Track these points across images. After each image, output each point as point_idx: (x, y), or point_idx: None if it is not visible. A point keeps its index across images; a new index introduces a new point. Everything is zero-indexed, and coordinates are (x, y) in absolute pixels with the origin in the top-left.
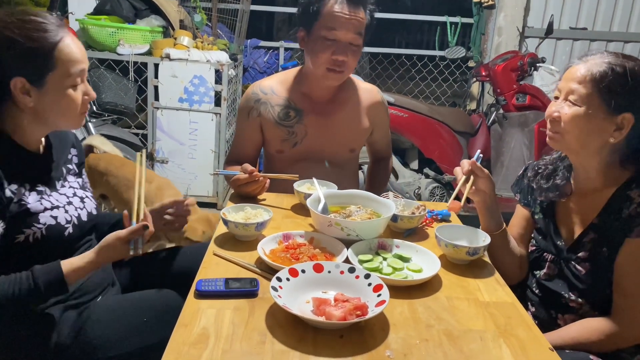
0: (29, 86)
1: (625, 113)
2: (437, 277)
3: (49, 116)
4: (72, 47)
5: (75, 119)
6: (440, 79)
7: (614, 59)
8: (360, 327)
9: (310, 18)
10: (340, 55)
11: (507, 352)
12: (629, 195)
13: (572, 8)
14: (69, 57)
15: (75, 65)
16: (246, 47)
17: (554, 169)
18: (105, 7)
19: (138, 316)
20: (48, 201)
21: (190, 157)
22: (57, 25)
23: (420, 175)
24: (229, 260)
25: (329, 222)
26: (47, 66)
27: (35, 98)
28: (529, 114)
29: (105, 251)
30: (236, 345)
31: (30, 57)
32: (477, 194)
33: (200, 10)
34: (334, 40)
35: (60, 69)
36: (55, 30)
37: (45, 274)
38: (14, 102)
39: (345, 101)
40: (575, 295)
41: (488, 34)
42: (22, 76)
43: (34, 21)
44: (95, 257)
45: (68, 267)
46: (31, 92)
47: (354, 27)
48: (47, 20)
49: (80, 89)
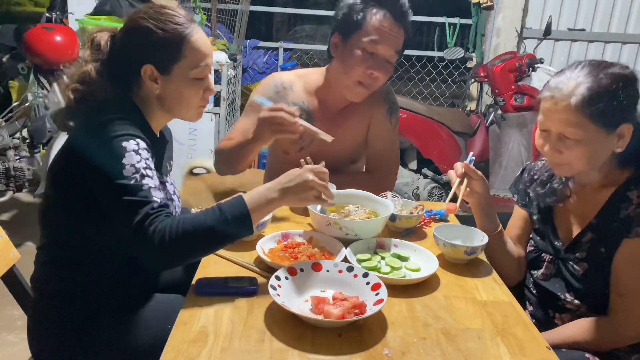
0: (157, 74)
1: (623, 124)
2: (435, 276)
3: (171, 105)
4: (200, 42)
5: (195, 111)
6: (439, 79)
7: (590, 80)
8: (359, 325)
9: (351, 26)
10: (375, 71)
11: (504, 350)
12: (628, 195)
13: (571, 9)
14: (197, 50)
15: (202, 58)
16: (245, 47)
17: (550, 174)
18: (104, 8)
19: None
20: (164, 192)
21: (190, 157)
22: (188, 19)
23: (418, 175)
24: (228, 260)
25: (328, 222)
26: (175, 56)
27: (161, 85)
28: (527, 115)
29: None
30: (235, 343)
31: (162, 46)
32: (472, 196)
33: (200, 10)
34: (372, 53)
35: (187, 60)
36: (186, 24)
37: (225, 202)
38: (142, 88)
39: (353, 112)
40: (572, 296)
41: (487, 35)
42: (152, 63)
43: (169, 14)
44: (274, 183)
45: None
46: (158, 79)
47: (395, 44)
48: (180, 14)
49: (203, 83)
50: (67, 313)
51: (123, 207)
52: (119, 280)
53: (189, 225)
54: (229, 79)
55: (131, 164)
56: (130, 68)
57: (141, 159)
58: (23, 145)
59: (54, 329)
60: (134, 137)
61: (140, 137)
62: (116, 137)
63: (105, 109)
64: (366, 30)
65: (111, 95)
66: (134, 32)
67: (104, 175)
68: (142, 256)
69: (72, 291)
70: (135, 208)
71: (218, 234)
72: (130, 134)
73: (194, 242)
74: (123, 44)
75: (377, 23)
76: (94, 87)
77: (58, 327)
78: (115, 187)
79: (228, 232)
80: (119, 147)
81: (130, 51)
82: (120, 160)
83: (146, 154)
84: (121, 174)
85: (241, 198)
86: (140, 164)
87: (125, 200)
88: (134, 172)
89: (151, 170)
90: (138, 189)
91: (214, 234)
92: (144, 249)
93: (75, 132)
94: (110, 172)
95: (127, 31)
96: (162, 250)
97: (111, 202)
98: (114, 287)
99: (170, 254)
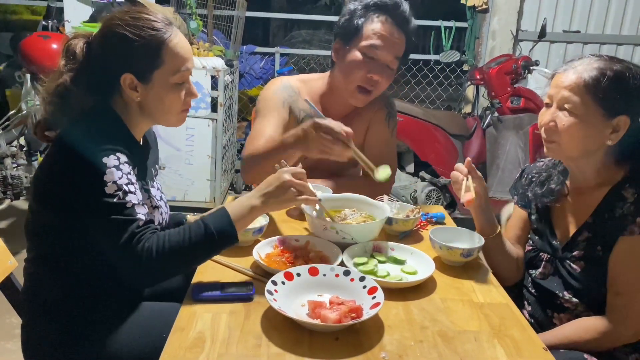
0: (137, 82)
1: (621, 115)
2: (431, 279)
3: (152, 112)
4: (179, 46)
5: (177, 117)
6: (435, 82)
7: (603, 64)
8: (356, 329)
9: (352, 31)
10: (375, 74)
11: (501, 352)
12: (623, 194)
13: (565, 11)
14: (176, 55)
15: (182, 63)
16: (242, 53)
17: (548, 175)
18: (101, 15)
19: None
20: (150, 200)
21: (187, 162)
22: (166, 23)
23: (416, 178)
24: (225, 265)
25: (325, 226)
26: (155, 63)
27: (141, 93)
28: (524, 117)
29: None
30: (232, 348)
31: (141, 54)
32: None
33: (196, 16)
34: (372, 58)
35: (166, 66)
36: (164, 29)
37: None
38: (122, 96)
39: (355, 117)
40: (570, 295)
41: (482, 38)
42: (131, 72)
43: (146, 19)
44: (254, 192)
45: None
46: (138, 87)
47: (395, 50)
48: (157, 19)
49: (185, 87)
50: (59, 324)
51: (108, 227)
52: (109, 290)
53: (174, 242)
54: (226, 85)
55: (113, 181)
56: (109, 77)
57: (122, 175)
58: (20, 153)
59: (47, 340)
60: (113, 152)
61: (120, 150)
62: (96, 153)
63: (83, 121)
64: (366, 35)
65: (91, 104)
66: (111, 41)
67: (86, 194)
68: (128, 273)
69: (63, 302)
70: (121, 227)
71: (203, 248)
72: (110, 148)
73: (181, 257)
74: (100, 52)
75: (377, 28)
76: (71, 98)
77: (51, 339)
78: (98, 206)
79: (213, 245)
80: (100, 163)
81: (107, 60)
82: (102, 177)
83: (127, 168)
84: (104, 192)
85: (224, 210)
86: (122, 180)
87: (111, 220)
88: (117, 189)
89: (133, 185)
90: (122, 207)
91: (199, 248)
92: (132, 266)
93: (55, 146)
94: (92, 190)
95: (103, 39)
96: (149, 267)
97: (96, 221)
98: (105, 296)
99: (157, 270)
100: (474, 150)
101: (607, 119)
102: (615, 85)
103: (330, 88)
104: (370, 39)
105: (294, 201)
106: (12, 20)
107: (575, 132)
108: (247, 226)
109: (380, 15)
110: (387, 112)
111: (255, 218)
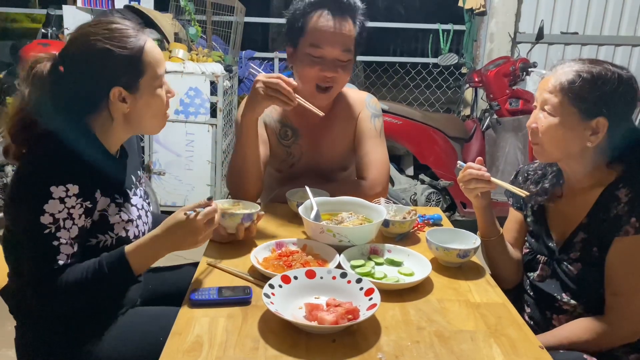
0: (125, 93)
1: (599, 117)
2: (428, 280)
3: (140, 119)
4: (154, 50)
5: (163, 119)
6: (434, 85)
7: (580, 66)
8: (353, 330)
9: (296, 34)
10: (328, 72)
11: (497, 351)
12: (617, 195)
13: (563, 13)
14: (154, 59)
15: (160, 65)
16: (241, 58)
17: (542, 174)
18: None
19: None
20: (125, 214)
21: (187, 168)
22: (137, 30)
23: (415, 181)
24: (222, 270)
25: (321, 229)
26: (138, 71)
27: (130, 104)
28: (522, 119)
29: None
30: (229, 352)
31: (124, 64)
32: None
33: (195, 22)
34: (320, 57)
35: (149, 72)
36: (138, 35)
37: (108, 256)
38: (107, 110)
39: (336, 116)
40: (568, 297)
41: (480, 41)
42: (119, 85)
43: (120, 29)
44: (158, 231)
45: (131, 246)
46: (127, 98)
47: (341, 43)
48: (128, 26)
49: (164, 88)
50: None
51: (29, 254)
52: None
53: (72, 280)
54: (225, 90)
55: (51, 212)
56: (95, 93)
57: (64, 208)
58: None
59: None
60: (64, 183)
61: (73, 181)
62: (46, 180)
63: (47, 144)
64: (309, 35)
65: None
66: (94, 57)
67: (25, 216)
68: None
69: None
70: (39, 261)
71: (99, 288)
72: (62, 178)
73: (78, 295)
74: (83, 70)
75: (316, 25)
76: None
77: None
78: (28, 229)
79: (111, 286)
80: (46, 192)
81: (93, 77)
82: (42, 205)
83: (74, 202)
84: (38, 220)
85: (123, 255)
86: (61, 214)
87: (33, 248)
88: (51, 222)
89: (71, 221)
90: (48, 242)
91: (94, 288)
92: (35, 297)
93: (19, 167)
94: (28, 215)
95: (84, 56)
96: (48, 302)
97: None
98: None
99: (55, 305)
100: (473, 153)
101: (585, 120)
102: (590, 87)
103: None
104: (312, 37)
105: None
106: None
107: (554, 132)
108: (151, 257)
109: (318, 11)
110: (371, 114)
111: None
